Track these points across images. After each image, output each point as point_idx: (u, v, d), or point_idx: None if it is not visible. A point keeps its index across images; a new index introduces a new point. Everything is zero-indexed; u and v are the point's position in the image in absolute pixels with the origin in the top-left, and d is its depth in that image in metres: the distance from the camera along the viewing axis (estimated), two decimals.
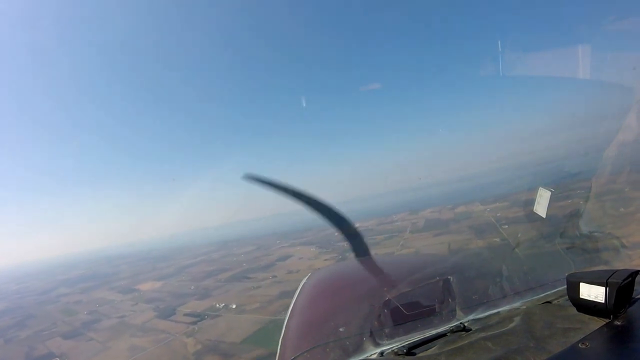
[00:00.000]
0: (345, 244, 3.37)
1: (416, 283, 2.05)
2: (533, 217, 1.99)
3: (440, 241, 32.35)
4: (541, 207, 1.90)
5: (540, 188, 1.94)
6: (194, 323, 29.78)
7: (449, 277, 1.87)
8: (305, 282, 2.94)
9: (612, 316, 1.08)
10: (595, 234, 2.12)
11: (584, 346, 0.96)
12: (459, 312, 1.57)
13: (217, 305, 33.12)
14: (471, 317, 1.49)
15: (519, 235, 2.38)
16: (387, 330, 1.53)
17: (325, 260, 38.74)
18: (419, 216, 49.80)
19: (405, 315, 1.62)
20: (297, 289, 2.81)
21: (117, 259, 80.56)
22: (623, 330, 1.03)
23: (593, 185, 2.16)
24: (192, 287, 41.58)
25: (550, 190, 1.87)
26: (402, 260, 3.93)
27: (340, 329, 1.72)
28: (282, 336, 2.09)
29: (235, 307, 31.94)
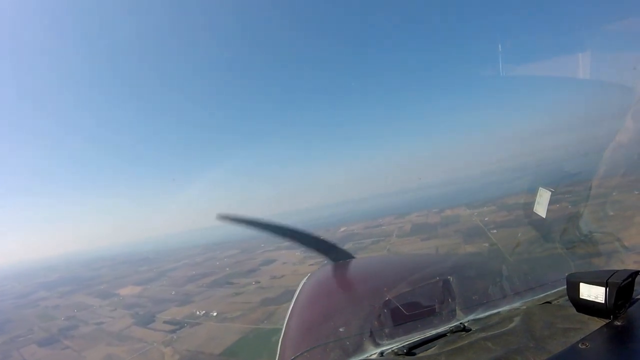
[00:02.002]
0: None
1: (416, 283, 2.05)
2: (533, 217, 1.99)
3: (428, 246, 31.97)
4: (541, 207, 1.89)
5: (540, 188, 1.94)
6: (173, 331, 29.11)
7: (449, 277, 1.87)
8: (305, 282, 2.94)
9: (612, 316, 1.08)
10: (595, 234, 2.12)
11: (584, 346, 0.96)
12: (459, 312, 1.57)
13: (198, 312, 32.48)
14: (471, 317, 1.49)
15: (519, 235, 2.38)
16: (387, 330, 1.54)
17: (310, 265, 37.75)
18: (405, 220, 49.56)
19: (405, 315, 1.62)
20: (297, 289, 2.81)
21: (99, 261, 79.55)
22: (623, 331, 1.03)
23: (593, 186, 2.16)
24: (173, 293, 40.93)
25: (550, 191, 1.87)
26: (402, 260, 3.93)
27: (340, 329, 1.72)
28: (282, 336, 2.10)
29: (216, 314, 31.33)
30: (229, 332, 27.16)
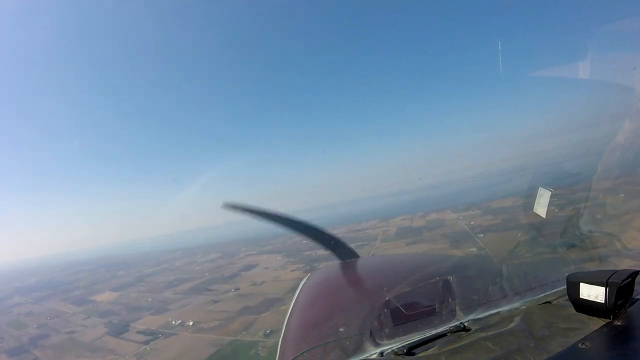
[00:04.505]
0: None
1: (416, 283, 2.05)
2: (533, 217, 1.99)
3: (414, 250, 31.21)
4: (541, 207, 1.90)
5: (540, 188, 1.94)
6: (146, 342, 27.92)
7: (449, 277, 1.88)
8: (305, 282, 2.94)
9: (612, 316, 1.09)
10: (595, 234, 2.12)
11: (584, 346, 0.96)
12: (459, 312, 1.57)
13: (173, 322, 31.31)
14: (471, 317, 1.49)
15: (519, 235, 2.38)
16: (387, 330, 1.54)
17: (292, 270, 37.23)
18: (389, 224, 48.96)
19: (405, 315, 1.62)
20: (297, 288, 2.81)
21: (79, 265, 77.39)
22: (623, 331, 1.04)
23: (593, 186, 2.16)
24: (150, 300, 39.66)
25: (550, 191, 1.87)
26: (402, 260, 3.93)
27: (340, 329, 1.72)
28: (282, 336, 2.10)
29: (192, 324, 30.09)
30: (204, 344, 25.93)
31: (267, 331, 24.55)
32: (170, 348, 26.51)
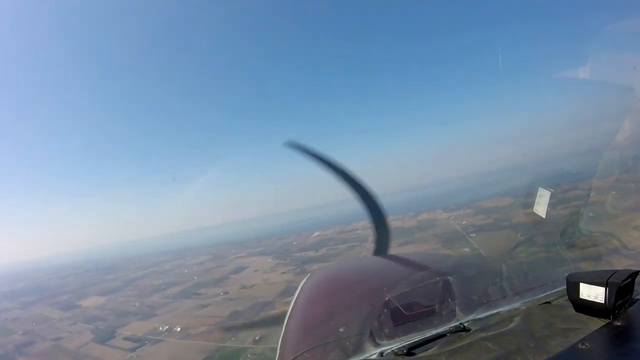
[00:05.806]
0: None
1: (416, 283, 2.05)
2: (533, 217, 2.00)
3: (406, 251, 31.22)
4: (541, 208, 1.90)
5: (539, 188, 1.94)
6: (133, 349, 27.16)
7: (449, 277, 1.88)
8: (305, 282, 2.94)
9: (611, 317, 1.09)
10: (595, 234, 2.12)
11: (583, 347, 0.96)
12: (458, 312, 1.57)
13: (161, 327, 30.40)
14: (471, 317, 1.49)
15: (518, 235, 2.39)
16: (387, 330, 1.53)
17: (282, 273, 36.80)
18: None
19: (405, 315, 1.62)
20: (297, 289, 2.81)
21: (68, 269, 75.98)
22: (623, 331, 1.04)
23: (593, 186, 2.17)
24: (137, 304, 38.75)
25: (550, 191, 1.87)
26: (402, 260, 3.94)
27: (340, 329, 1.72)
28: (282, 336, 2.10)
29: (180, 330, 29.29)
30: (192, 350, 25.31)
31: (257, 337, 24.05)
32: (158, 355, 25.93)
